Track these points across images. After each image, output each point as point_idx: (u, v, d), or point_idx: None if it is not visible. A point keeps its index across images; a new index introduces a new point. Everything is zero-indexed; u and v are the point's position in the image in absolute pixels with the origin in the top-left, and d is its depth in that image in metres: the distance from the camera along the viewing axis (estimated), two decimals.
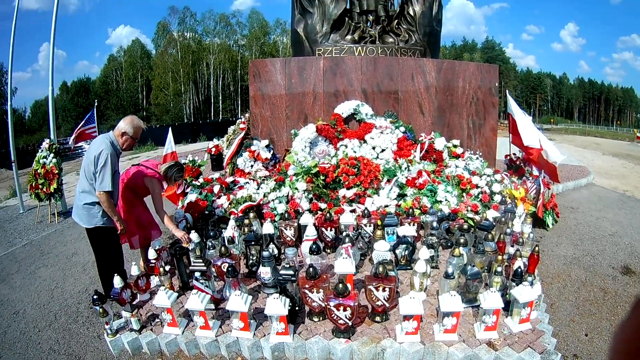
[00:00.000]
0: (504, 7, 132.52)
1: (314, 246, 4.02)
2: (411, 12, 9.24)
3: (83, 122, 10.02)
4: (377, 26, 9.20)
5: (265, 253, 3.96)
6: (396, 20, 9.35)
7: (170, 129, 7.94)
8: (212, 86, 62.89)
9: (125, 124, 4.34)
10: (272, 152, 7.99)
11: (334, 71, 7.90)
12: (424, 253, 4.01)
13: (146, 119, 59.12)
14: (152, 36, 66.51)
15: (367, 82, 7.96)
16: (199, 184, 7.35)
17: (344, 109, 7.77)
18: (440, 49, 10.34)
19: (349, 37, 8.92)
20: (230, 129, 10.04)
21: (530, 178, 7.71)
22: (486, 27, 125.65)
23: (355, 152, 7.30)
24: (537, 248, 4.41)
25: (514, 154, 8.74)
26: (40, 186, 8.54)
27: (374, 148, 7.53)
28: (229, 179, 7.36)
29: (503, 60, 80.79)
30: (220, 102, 62.15)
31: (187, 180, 7.76)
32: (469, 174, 7.03)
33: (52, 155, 8.73)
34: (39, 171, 8.60)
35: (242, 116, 9.30)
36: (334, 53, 8.69)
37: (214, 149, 11.06)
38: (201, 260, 3.99)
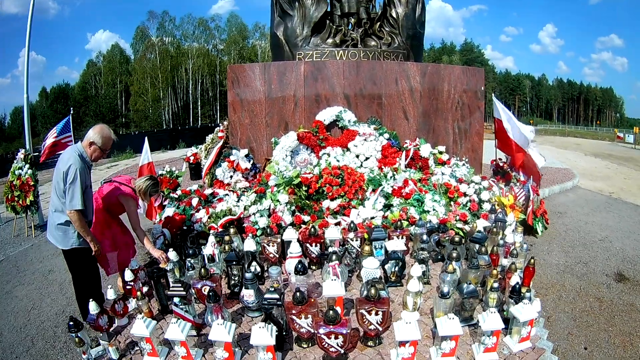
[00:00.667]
0: (482, 9, 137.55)
1: (299, 266, 3.87)
2: (394, 15, 9.22)
3: (56, 130, 9.73)
4: (359, 29, 9.16)
5: (247, 275, 3.80)
6: (378, 23, 9.32)
7: (146, 138, 7.67)
8: (190, 92, 63.26)
9: (94, 134, 4.11)
10: (252, 161, 7.84)
11: (315, 76, 7.80)
12: (416, 270, 3.90)
13: (125, 126, 61.97)
14: (131, 41, 66.23)
15: (350, 87, 7.88)
16: (176, 196, 7.15)
17: (326, 115, 7.68)
18: (423, 52, 10.33)
19: (330, 40, 8.84)
20: (209, 138, 9.85)
21: (518, 184, 7.72)
22: (465, 29, 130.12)
23: (338, 160, 7.18)
24: (532, 260, 4.34)
25: (500, 159, 8.74)
26: (16, 198, 8.37)
27: (357, 156, 7.43)
28: (208, 191, 7.18)
29: (482, 62, 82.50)
30: (199, 108, 62.57)
31: (164, 193, 7.56)
32: (456, 181, 6.96)
33: (27, 166, 8.56)
34: (14, 183, 8.42)
35: (220, 123, 9.15)
36: (315, 57, 8.60)
37: (192, 158, 10.84)
38: (180, 285, 3.81)
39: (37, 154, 9.60)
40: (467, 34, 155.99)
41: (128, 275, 4.33)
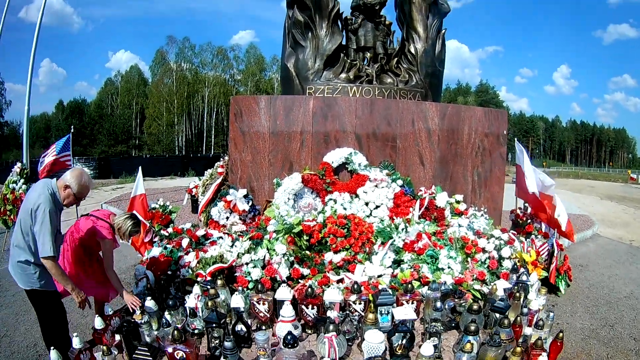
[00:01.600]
0: (498, 50, 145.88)
1: (289, 337, 3.45)
2: (412, 51, 9.07)
3: (56, 148, 9.93)
4: (375, 65, 9.00)
5: (227, 344, 3.40)
6: (395, 59, 9.18)
7: (140, 168, 7.53)
8: (205, 120, 65.52)
9: (71, 178, 3.93)
10: (251, 202, 7.53)
11: (325, 113, 7.58)
12: (427, 349, 3.46)
13: (138, 148, 65.75)
14: (150, 64, 69.58)
15: (362, 127, 7.65)
16: (167, 234, 6.82)
17: (334, 157, 7.41)
18: (442, 91, 10.10)
19: (343, 75, 8.67)
20: (208, 172, 9.60)
21: (539, 236, 7.32)
22: (480, 70, 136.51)
23: (345, 208, 6.87)
24: (561, 334, 3.93)
25: (520, 208, 8.35)
26: (8, 212, 8.50)
27: (367, 204, 7.13)
28: (200, 232, 6.84)
29: (496, 103, 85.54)
30: (213, 137, 64.56)
31: (155, 229, 7.26)
32: (474, 233, 6.60)
33: (22, 180, 8.72)
34: (7, 196, 8.57)
35: (221, 158, 8.92)
36: (326, 92, 8.42)
37: (194, 190, 10.61)
38: (146, 349, 3.40)
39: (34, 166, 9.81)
40: (482, 75, 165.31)
41: (98, 323, 4.02)
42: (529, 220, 7.92)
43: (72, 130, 11.21)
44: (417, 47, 9.03)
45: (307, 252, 6.04)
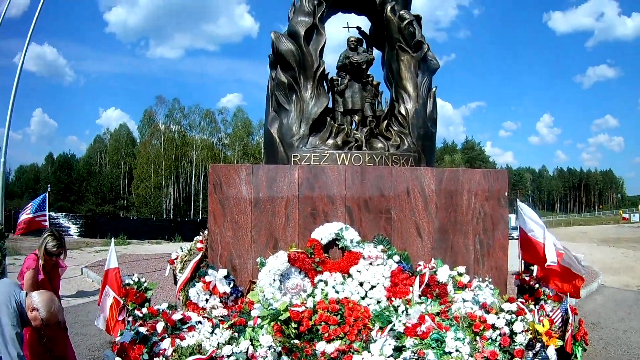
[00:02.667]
0: (481, 105, 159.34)
1: None
2: (402, 111, 9.07)
3: (31, 207, 10.08)
4: (364, 128, 9.00)
5: None
6: (385, 122, 9.18)
7: (112, 240, 7.34)
8: (193, 183, 68.94)
9: (40, 302, 3.85)
10: (232, 284, 7.21)
11: (312, 184, 7.44)
12: None
13: (125, 209, 68.53)
14: (138, 123, 74.45)
15: (353, 199, 7.49)
16: (141, 314, 6.43)
17: (323, 233, 7.18)
18: (435, 153, 10.05)
19: (330, 141, 8.62)
20: (186, 247, 9.27)
21: (549, 301, 7.07)
22: (465, 127, 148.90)
23: (337, 291, 6.60)
24: None
25: (525, 272, 8.14)
26: None
27: (361, 284, 6.85)
28: (177, 315, 6.44)
29: (483, 159, 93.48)
30: (201, 201, 67.23)
31: (128, 308, 6.88)
32: (480, 307, 6.32)
33: None
34: None
35: (200, 233, 8.69)
36: (313, 160, 8.34)
37: (176, 261, 10.31)
38: None
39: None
40: (467, 131, 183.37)
41: None
42: (537, 285, 7.70)
43: (48, 189, 11.41)
44: (407, 107, 9.05)
45: (296, 341, 5.76)
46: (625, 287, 11.26)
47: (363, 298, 6.68)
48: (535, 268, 7.89)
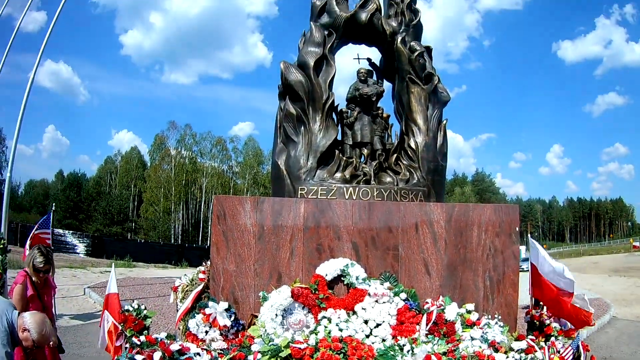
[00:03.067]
0: (491, 137, 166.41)
1: None
2: (412, 145, 9.10)
3: (38, 224, 10.42)
4: (373, 162, 9.06)
5: None
6: (395, 155, 9.24)
7: (113, 265, 7.36)
8: (202, 210, 70.52)
9: (32, 322, 3.86)
10: (233, 317, 7.20)
11: (318, 219, 7.47)
12: None
13: (133, 231, 70.37)
14: (149, 147, 77.78)
15: (360, 235, 7.49)
16: (139, 342, 6.42)
17: (328, 269, 7.16)
18: (445, 187, 10.05)
19: (338, 174, 8.67)
20: (188, 276, 9.28)
21: (560, 337, 6.93)
22: (475, 159, 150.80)
23: (341, 329, 6.58)
24: None
25: (536, 307, 8.06)
26: None
27: (366, 322, 6.81)
28: (175, 346, 6.42)
29: (493, 191, 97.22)
30: (210, 228, 65.88)
31: (127, 334, 6.89)
32: (488, 346, 6.27)
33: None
34: None
35: (203, 263, 8.71)
36: (320, 193, 8.37)
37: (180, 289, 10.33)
38: None
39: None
40: (477, 163, 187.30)
41: None
42: (548, 322, 7.62)
43: (52, 208, 11.55)
44: (417, 141, 9.09)
45: None
46: (637, 318, 11.24)
47: (367, 336, 6.63)
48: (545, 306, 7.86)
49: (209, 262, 8.65)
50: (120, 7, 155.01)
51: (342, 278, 7.22)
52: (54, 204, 15.09)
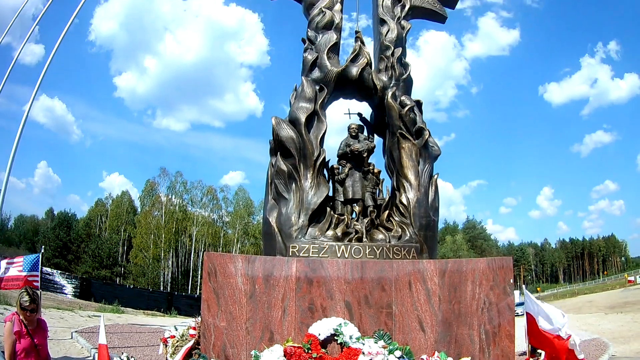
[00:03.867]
0: (481, 183, 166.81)
1: None
2: (404, 201, 9.39)
3: (23, 264, 10.70)
4: (365, 219, 9.32)
5: None
6: (387, 212, 9.51)
7: (102, 316, 7.51)
8: (192, 258, 71.27)
9: None
10: None
11: (310, 278, 7.67)
12: None
13: (122, 276, 70.66)
14: (140, 192, 78.90)
15: (352, 294, 7.68)
16: None
17: (321, 328, 7.29)
18: (437, 241, 10.34)
19: (330, 232, 8.92)
20: (179, 331, 9.37)
21: None
22: (465, 206, 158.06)
23: None
24: None
25: (532, 354, 8.26)
26: None
27: None
28: None
29: (484, 238, 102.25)
30: (199, 277, 69.55)
31: None
32: None
33: None
34: None
35: (194, 319, 8.80)
36: (312, 252, 8.61)
37: (169, 340, 10.33)
38: None
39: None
40: (468, 210, 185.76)
41: None
42: None
43: (42, 250, 11.73)
44: (409, 197, 9.38)
45: None
46: (637, 355, 11.13)
47: None
48: (542, 352, 8.01)
49: (199, 318, 8.77)
50: (116, 48, 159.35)
51: (335, 337, 7.31)
52: (43, 246, 15.16)
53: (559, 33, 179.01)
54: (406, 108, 9.81)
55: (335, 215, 9.15)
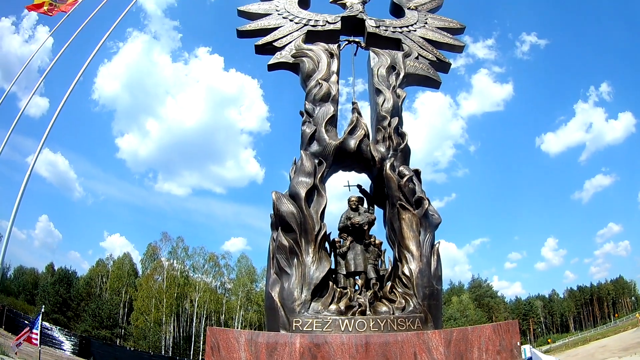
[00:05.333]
0: (484, 241, 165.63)
1: None
2: (406, 272, 9.62)
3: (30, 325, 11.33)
4: (368, 292, 9.54)
5: None
6: (389, 284, 9.75)
7: None
8: (194, 324, 71.82)
9: None
10: None
11: (314, 354, 7.85)
12: None
13: (122, 337, 70.86)
14: (141, 256, 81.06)
15: None
16: None
17: None
18: (442, 310, 10.47)
19: (333, 306, 9.12)
20: None
21: None
22: (470, 265, 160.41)
23: None
24: None
25: None
26: None
27: None
28: None
29: (491, 295, 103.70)
30: (201, 343, 68.06)
31: None
32: None
33: None
34: None
35: None
36: (315, 326, 8.77)
37: None
38: None
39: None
40: (472, 269, 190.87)
41: None
42: None
43: (42, 310, 12.28)
44: (411, 267, 9.62)
45: None
46: None
47: None
48: None
49: None
50: (118, 109, 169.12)
51: None
52: (43, 305, 15.64)
53: (552, 82, 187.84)
54: (405, 179, 10.21)
55: (338, 289, 9.37)
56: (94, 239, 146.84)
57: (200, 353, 65.54)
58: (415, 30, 13.18)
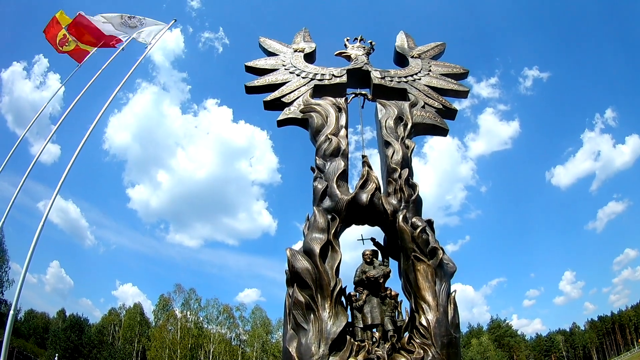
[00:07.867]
0: (501, 281, 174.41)
1: None
2: (424, 323, 10.14)
3: None
4: (385, 344, 10.07)
5: None
6: (407, 334, 10.27)
7: None
8: None
9: None
10: None
11: None
12: None
13: None
14: (154, 307, 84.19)
15: None
16: None
17: None
18: (461, 356, 10.96)
19: None
20: None
21: None
22: (488, 306, 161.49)
23: None
24: None
25: None
26: None
27: None
28: None
29: (511, 334, 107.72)
30: None
31: None
32: None
33: None
34: None
35: None
36: None
37: None
38: None
39: None
40: (491, 310, 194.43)
41: None
42: None
43: (56, 357, 12.88)
44: (428, 318, 10.15)
45: None
46: None
47: None
48: None
49: None
50: (130, 160, 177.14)
51: None
52: (57, 354, 16.42)
53: (557, 114, 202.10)
54: (418, 230, 10.87)
55: (356, 343, 9.86)
56: (105, 287, 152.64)
57: None
58: (420, 79, 14.19)
